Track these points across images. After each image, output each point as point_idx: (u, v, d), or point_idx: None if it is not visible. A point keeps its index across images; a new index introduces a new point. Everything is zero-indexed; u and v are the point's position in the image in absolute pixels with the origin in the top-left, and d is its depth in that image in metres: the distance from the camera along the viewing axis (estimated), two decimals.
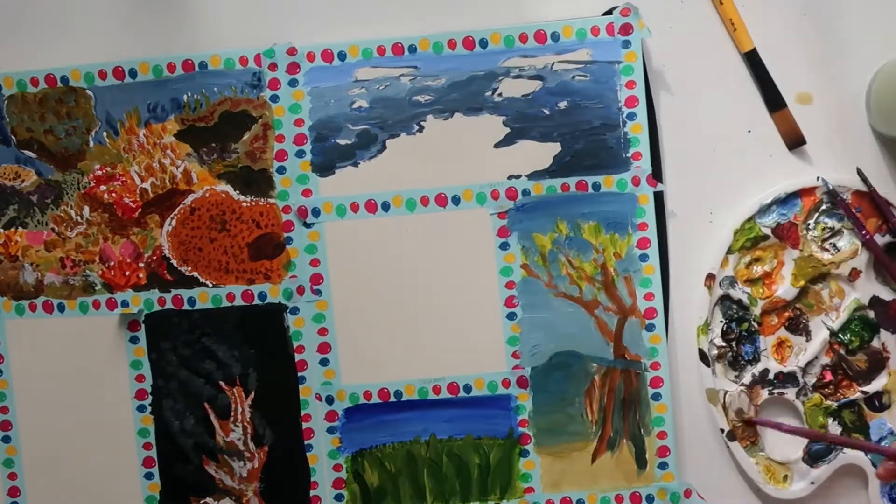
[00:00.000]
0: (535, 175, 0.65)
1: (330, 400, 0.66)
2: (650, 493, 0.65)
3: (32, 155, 0.67)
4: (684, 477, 0.66)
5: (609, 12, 0.65)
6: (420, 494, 0.67)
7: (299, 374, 0.66)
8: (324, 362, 0.66)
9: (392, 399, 0.66)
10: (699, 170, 0.66)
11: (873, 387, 0.65)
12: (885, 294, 0.65)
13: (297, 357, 0.66)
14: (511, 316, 0.66)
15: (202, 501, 0.67)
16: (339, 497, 0.67)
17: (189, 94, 0.66)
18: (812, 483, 0.65)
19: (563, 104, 0.65)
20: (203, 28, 0.66)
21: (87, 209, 0.67)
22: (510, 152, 0.65)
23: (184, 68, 0.66)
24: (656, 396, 0.65)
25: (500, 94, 0.65)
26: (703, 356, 0.65)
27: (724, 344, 0.66)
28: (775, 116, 0.65)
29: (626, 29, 0.64)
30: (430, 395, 0.66)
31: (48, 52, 0.67)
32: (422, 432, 0.66)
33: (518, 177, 0.65)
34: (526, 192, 0.65)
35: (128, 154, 0.66)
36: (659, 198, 0.65)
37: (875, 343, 0.65)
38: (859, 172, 0.64)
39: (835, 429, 0.66)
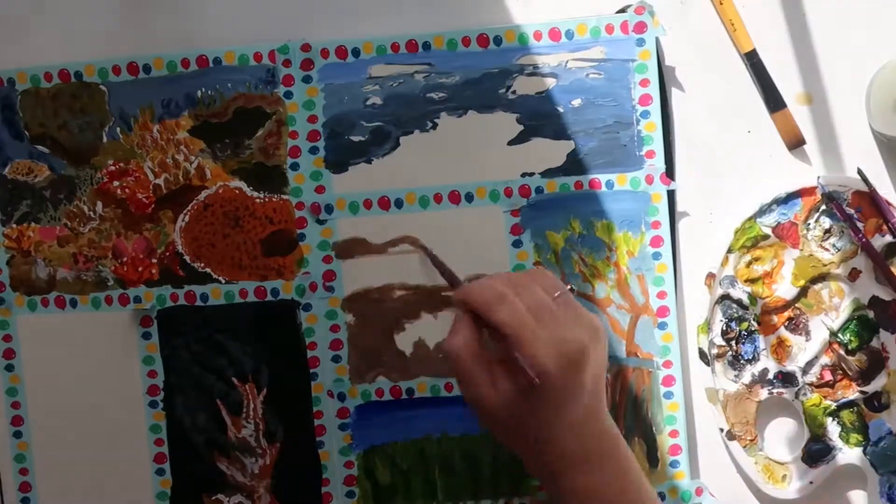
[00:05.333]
0: (549, 173, 0.65)
1: (342, 397, 0.66)
2: (661, 491, 0.65)
3: (46, 150, 0.67)
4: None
5: (623, 10, 0.65)
6: (431, 492, 0.67)
7: (311, 370, 0.66)
8: (336, 359, 0.66)
9: (404, 396, 0.66)
10: (699, 170, 0.66)
11: (872, 387, 0.65)
12: (885, 294, 0.65)
13: (310, 354, 0.66)
14: None
15: (214, 498, 0.67)
16: (350, 494, 0.67)
17: (203, 89, 0.66)
18: (811, 483, 0.65)
19: (576, 102, 0.65)
20: (217, 24, 0.66)
21: (100, 205, 0.67)
22: (524, 150, 0.65)
23: (198, 64, 0.66)
24: (668, 395, 0.65)
25: (514, 92, 0.65)
26: (703, 355, 0.65)
27: (723, 343, 0.66)
28: (775, 117, 0.66)
29: (641, 27, 0.64)
30: (442, 392, 0.66)
31: (61, 47, 0.67)
32: (433, 430, 0.66)
33: (531, 174, 0.65)
34: (539, 190, 0.65)
35: (141, 150, 0.66)
36: (669, 197, 0.65)
37: (874, 343, 0.65)
38: (860, 172, 0.65)
39: (834, 429, 0.66)
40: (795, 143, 0.66)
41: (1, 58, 0.67)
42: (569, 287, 0.56)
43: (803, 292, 0.66)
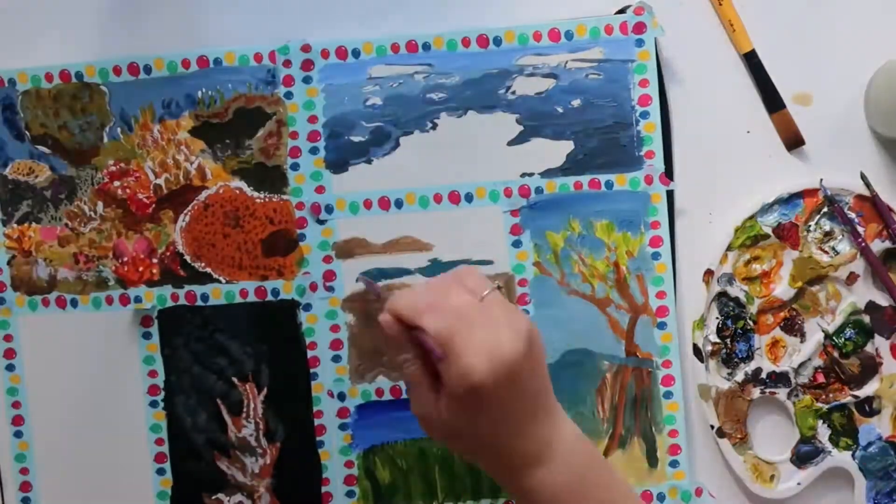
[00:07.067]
0: (548, 173, 0.65)
1: (342, 396, 0.66)
2: (661, 491, 0.65)
3: (46, 150, 0.67)
4: None
5: (622, 11, 0.65)
6: (431, 492, 0.67)
7: (312, 370, 0.66)
8: (336, 359, 0.66)
9: (404, 396, 0.66)
10: (698, 170, 0.66)
11: (864, 391, 0.65)
12: (882, 299, 0.65)
13: (310, 354, 0.66)
14: None
15: (214, 498, 0.67)
16: (350, 494, 0.67)
17: (203, 90, 0.66)
18: (798, 484, 0.65)
19: (576, 102, 0.65)
20: (218, 24, 0.66)
21: (100, 205, 0.67)
22: (523, 150, 0.65)
23: (198, 64, 0.66)
24: (668, 394, 0.65)
25: (513, 92, 0.65)
26: (697, 351, 0.65)
27: (718, 340, 0.66)
28: (774, 117, 0.66)
29: (640, 28, 0.64)
30: None
31: (61, 47, 0.67)
32: None
33: (531, 175, 0.65)
34: (539, 190, 0.65)
35: (142, 150, 0.67)
36: (668, 197, 0.65)
37: (869, 348, 0.65)
38: (862, 176, 0.65)
39: (824, 431, 0.66)
40: (794, 143, 0.66)
41: (2, 58, 0.67)
42: (496, 285, 0.53)
43: (800, 293, 0.66)
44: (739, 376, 0.66)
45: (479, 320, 0.50)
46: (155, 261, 0.67)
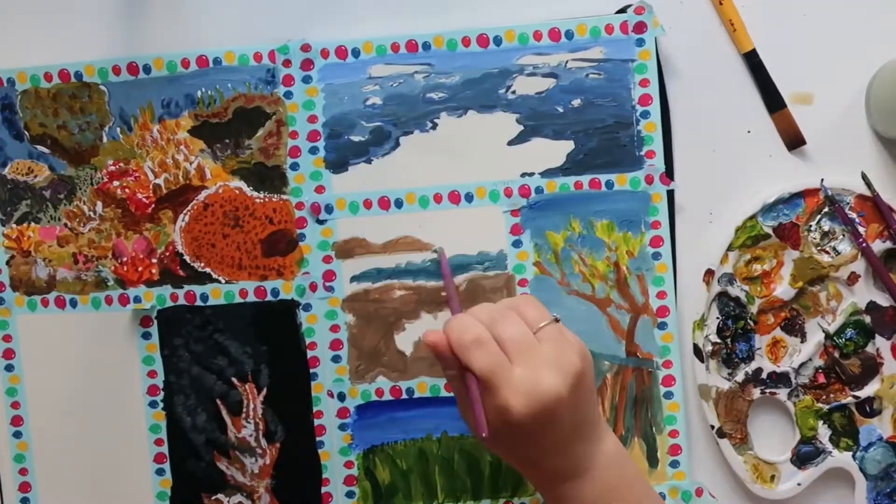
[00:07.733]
0: (549, 173, 0.65)
1: (342, 397, 0.66)
2: (661, 491, 0.65)
3: (46, 150, 0.67)
4: None
5: (623, 10, 0.65)
6: (431, 492, 0.67)
7: (311, 370, 0.66)
8: (336, 359, 0.66)
9: (404, 396, 0.66)
10: (698, 170, 0.66)
11: (865, 392, 0.65)
12: (882, 300, 0.65)
13: (310, 354, 0.66)
14: None
15: (213, 498, 0.67)
16: (350, 494, 0.67)
17: (203, 90, 0.66)
18: (799, 485, 0.65)
19: (576, 102, 0.65)
20: (217, 24, 0.66)
21: (99, 205, 0.67)
22: (523, 150, 0.65)
23: (198, 64, 0.66)
24: (668, 395, 0.65)
25: (513, 92, 0.65)
26: (698, 351, 0.65)
27: (718, 340, 0.66)
28: (775, 117, 0.66)
29: (640, 27, 0.64)
30: (441, 392, 0.66)
31: (61, 47, 0.67)
32: (433, 429, 0.66)
33: (531, 174, 0.65)
34: (539, 190, 0.65)
35: (141, 150, 0.66)
36: (669, 197, 0.65)
37: (869, 348, 0.65)
38: (864, 176, 0.64)
39: (824, 432, 0.66)
40: (795, 143, 0.66)
41: (0, 57, 0.67)
42: (554, 318, 0.55)
43: (801, 293, 0.65)
44: (740, 376, 0.66)
45: (526, 354, 0.52)
46: (154, 261, 0.67)
